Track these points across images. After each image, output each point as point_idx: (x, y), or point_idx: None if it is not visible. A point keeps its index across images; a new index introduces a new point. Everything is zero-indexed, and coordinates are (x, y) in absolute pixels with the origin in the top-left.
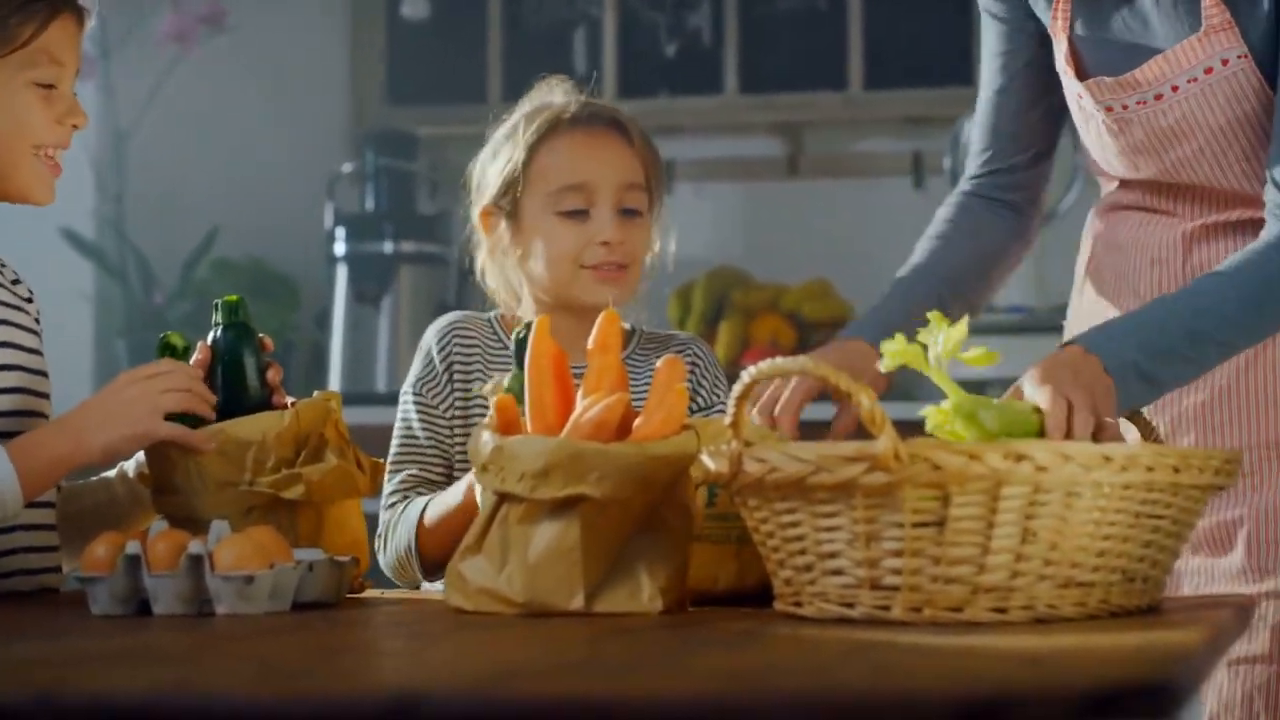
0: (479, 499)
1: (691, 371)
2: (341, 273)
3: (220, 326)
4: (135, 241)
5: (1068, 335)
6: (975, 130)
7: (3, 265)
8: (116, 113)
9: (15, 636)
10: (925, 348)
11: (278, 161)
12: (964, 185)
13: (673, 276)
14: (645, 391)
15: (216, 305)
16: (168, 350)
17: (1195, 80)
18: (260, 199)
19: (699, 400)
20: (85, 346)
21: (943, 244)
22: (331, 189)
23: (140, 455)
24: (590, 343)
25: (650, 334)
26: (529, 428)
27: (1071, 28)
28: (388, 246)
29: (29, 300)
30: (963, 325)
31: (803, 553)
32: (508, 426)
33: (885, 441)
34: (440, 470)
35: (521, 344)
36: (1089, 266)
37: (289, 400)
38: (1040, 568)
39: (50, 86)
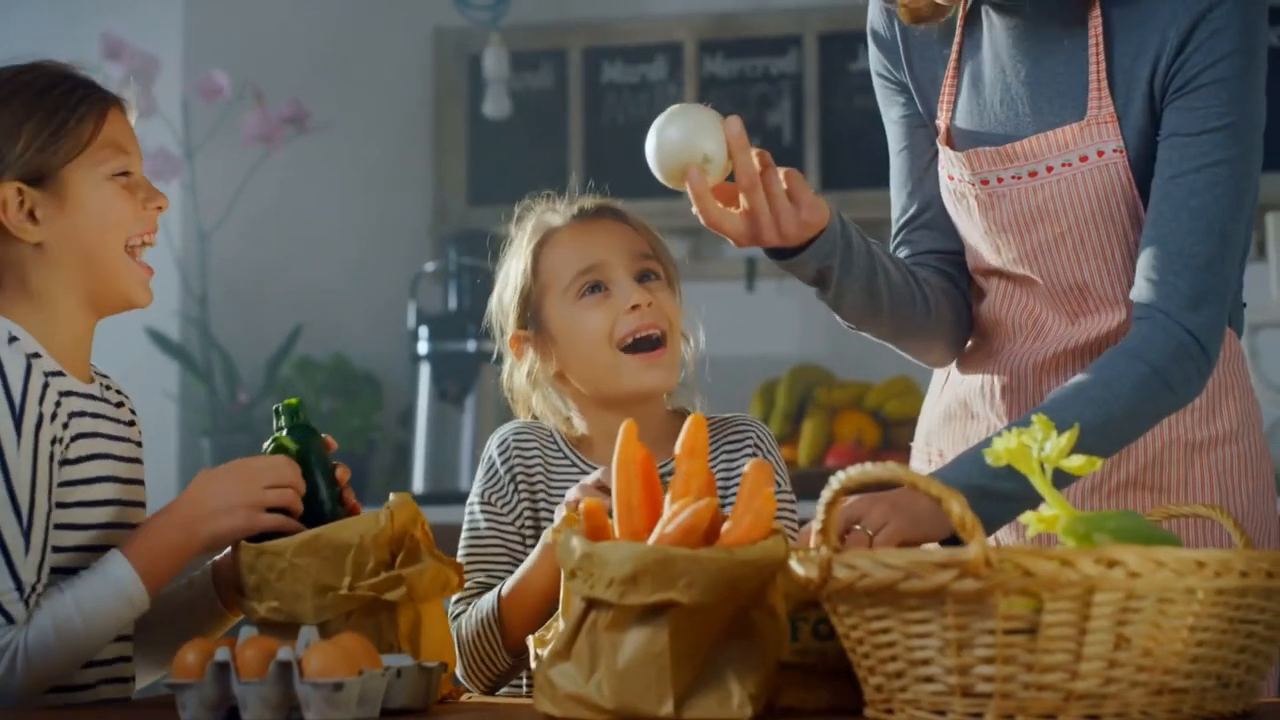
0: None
1: (753, 455)
2: (425, 372)
3: (285, 430)
4: (219, 341)
5: (917, 441)
6: (892, 196)
7: (109, 386)
8: (200, 213)
9: None
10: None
11: (360, 260)
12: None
13: (756, 374)
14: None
15: (277, 410)
16: (279, 449)
17: (1069, 165)
18: (343, 298)
19: None
20: (170, 447)
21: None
22: (414, 288)
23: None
24: (678, 447)
25: (711, 418)
26: (617, 533)
27: (953, 114)
28: (470, 345)
29: (131, 424)
30: (1072, 433)
31: (893, 659)
32: (596, 532)
33: (976, 548)
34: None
35: None
36: (944, 391)
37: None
38: (1133, 674)
39: (126, 174)
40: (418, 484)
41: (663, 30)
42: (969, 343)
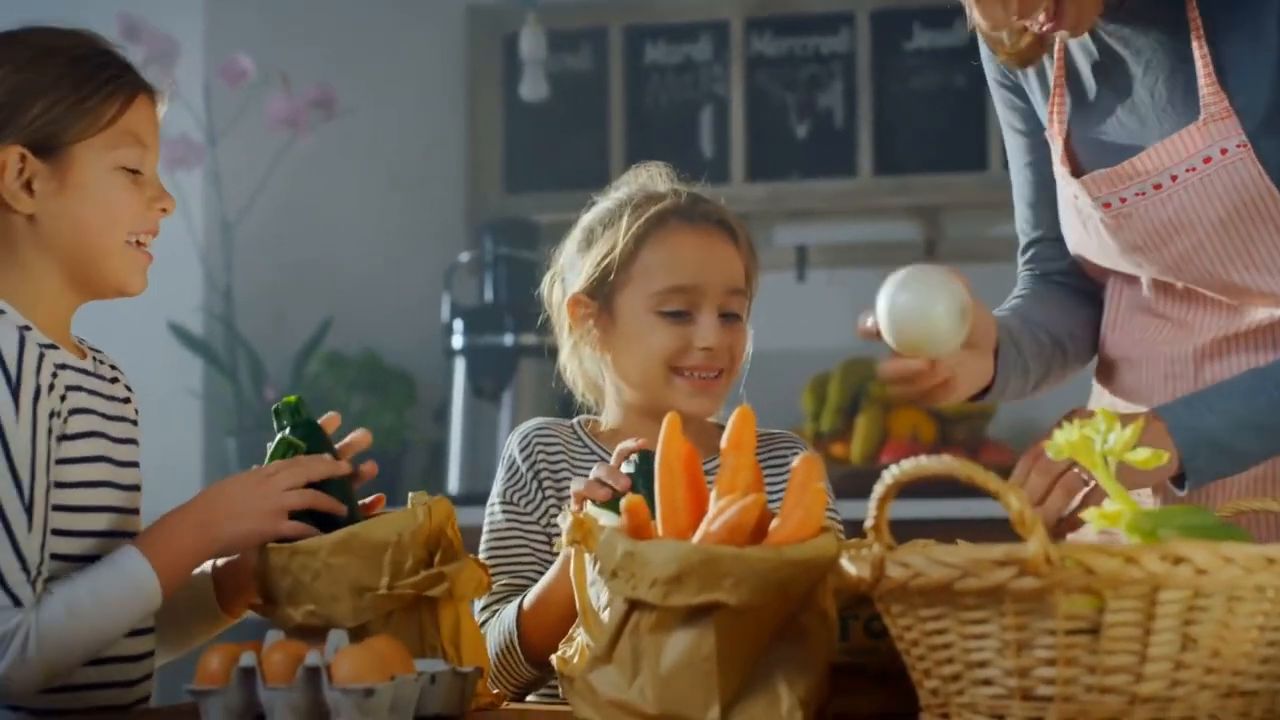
0: (576, 577)
1: None
2: (460, 366)
3: (289, 429)
4: (245, 336)
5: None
6: (1016, 209)
7: (100, 360)
8: (224, 202)
9: None
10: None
11: (392, 251)
12: (1022, 271)
13: (807, 368)
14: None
15: (277, 410)
16: (289, 450)
17: (1194, 170)
18: (374, 290)
19: None
20: (194, 445)
21: (1026, 302)
22: (449, 279)
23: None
24: (724, 441)
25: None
26: (660, 531)
27: (1068, 130)
28: (508, 339)
29: (127, 401)
30: (1137, 426)
31: (950, 661)
32: (638, 530)
33: (1036, 544)
34: (535, 578)
35: (643, 471)
36: (1101, 376)
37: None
38: (1201, 676)
39: (136, 171)
40: (453, 484)
41: (708, 7)
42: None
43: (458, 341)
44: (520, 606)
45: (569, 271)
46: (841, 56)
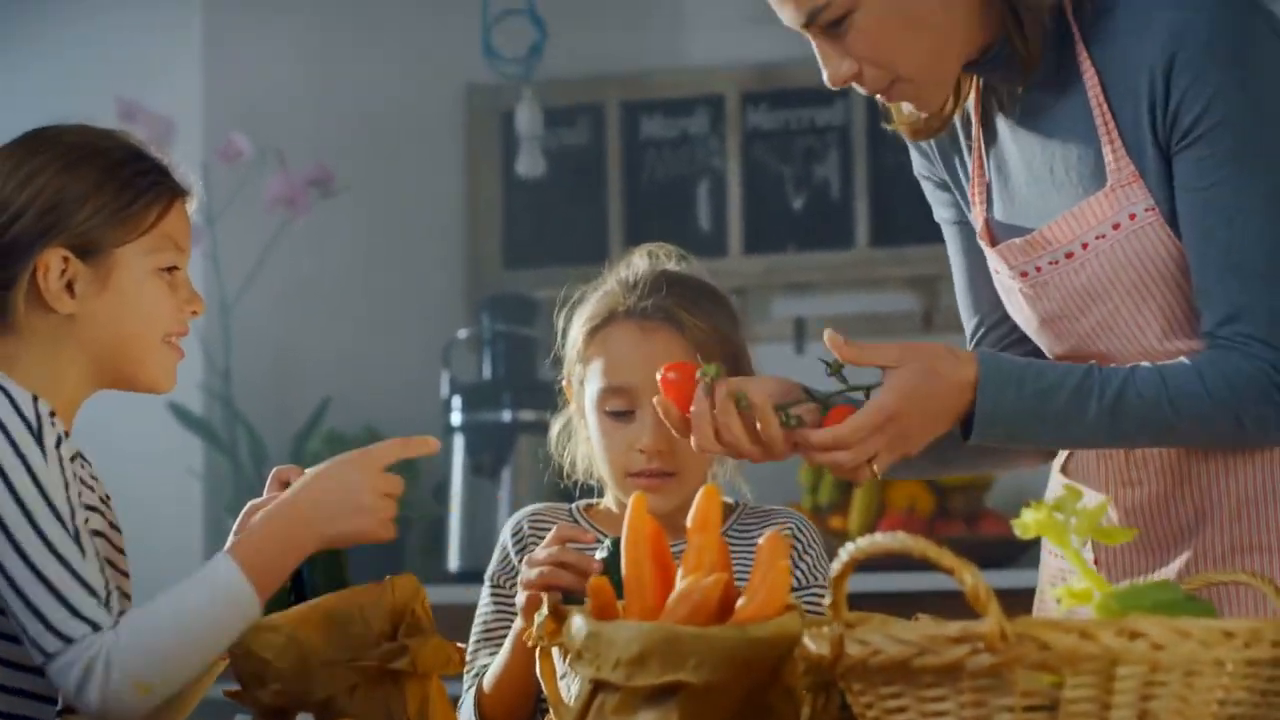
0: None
1: (792, 548)
2: (458, 443)
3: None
4: (244, 415)
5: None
6: (958, 299)
7: (84, 462)
8: (223, 282)
9: None
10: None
11: (391, 328)
12: None
13: None
14: (743, 567)
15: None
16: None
17: (1104, 237)
18: (373, 367)
19: (797, 578)
20: (194, 527)
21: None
22: (447, 356)
23: None
24: (689, 520)
25: (753, 508)
26: (626, 611)
27: (989, 207)
28: (506, 415)
29: (106, 501)
30: (1104, 502)
31: None
32: (603, 611)
33: (991, 621)
34: None
35: (612, 555)
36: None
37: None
38: None
39: (172, 270)
40: (453, 561)
41: (703, 81)
42: None
43: (456, 418)
44: (480, 687)
45: (567, 347)
46: (837, 129)
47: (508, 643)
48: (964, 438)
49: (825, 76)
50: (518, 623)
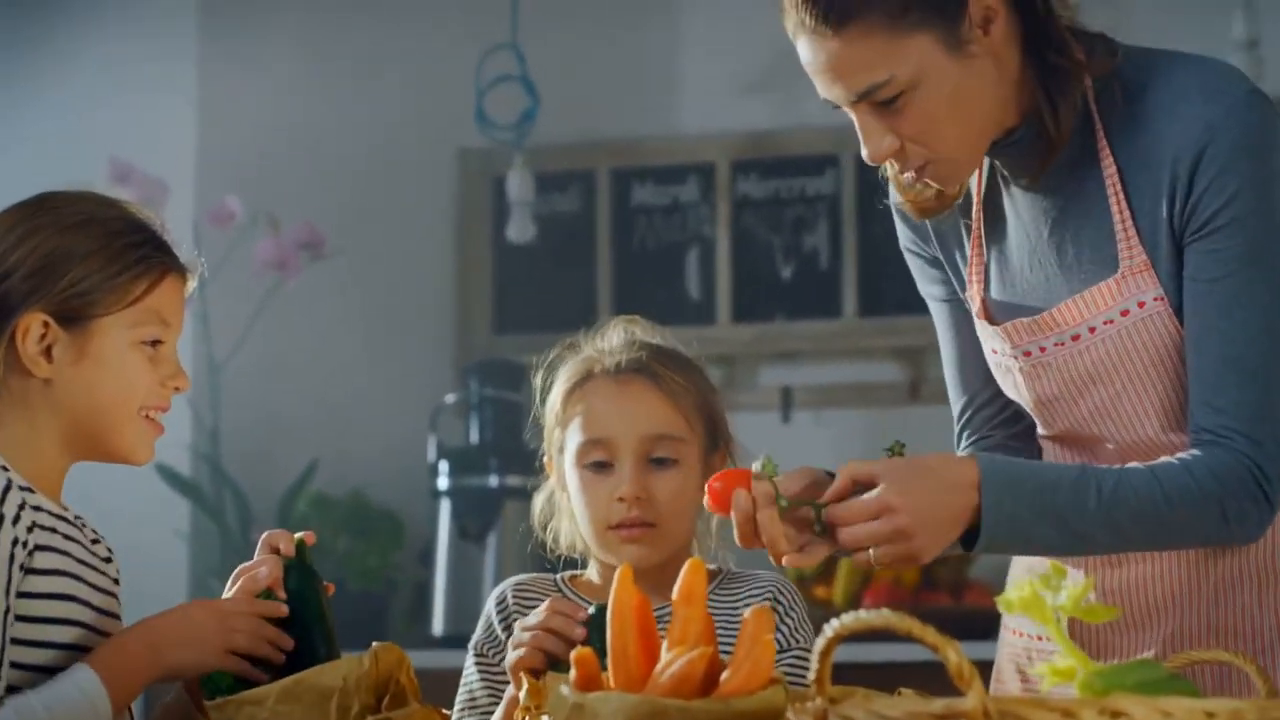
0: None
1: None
2: (445, 508)
3: (284, 570)
4: (232, 477)
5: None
6: (947, 379)
7: (84, 525)
8: (212, 344)
9: None
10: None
11: (379, 392)
12: (963, 448)
13: None
14: (725, 632)
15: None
16: (269, 596)
17: (1112, 322)
18: (360, 431)
19: (779, 640)
20: (180, 587)
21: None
22: (435, 421)
23: None
24: (675, 593)
25: (734, 573)
26: (611, 681)
27: (986, 286)
28: (493, 480)
29: (109, 560)
30: (1088, 581)
31: None
32: (587, 682)
33: (974, 698)
34: None
35: (596, 621)
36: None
37: None
38: None
39: (156, 344)
40: (437, 626)
41: (694, 150)
42: None
43: (443, 482)
44: None
45: (547, 425)
46: (826, 198)
47: (498, 713)
48: (966, 549)
49: (865, 153)
50: (509, 691)
